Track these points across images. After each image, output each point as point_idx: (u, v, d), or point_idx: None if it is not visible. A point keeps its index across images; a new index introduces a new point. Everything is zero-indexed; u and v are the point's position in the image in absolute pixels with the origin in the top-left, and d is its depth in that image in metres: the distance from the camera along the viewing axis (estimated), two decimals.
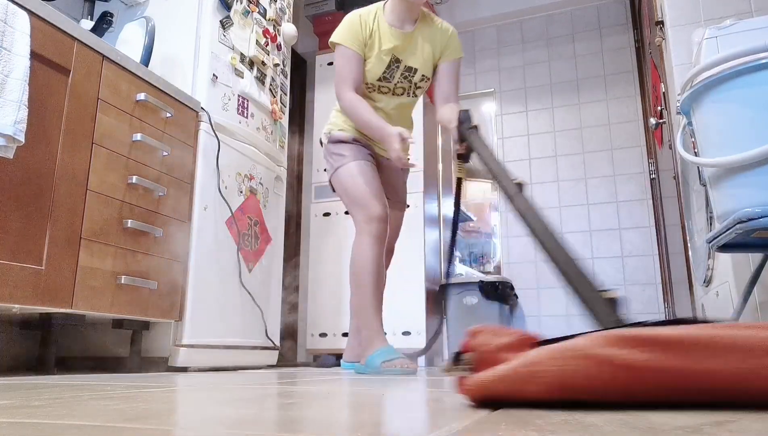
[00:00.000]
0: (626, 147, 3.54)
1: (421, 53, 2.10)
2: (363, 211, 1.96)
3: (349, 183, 2.02)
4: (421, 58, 2.10)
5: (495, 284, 3.26)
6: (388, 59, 2.06)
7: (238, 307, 2.28)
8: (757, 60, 1.20)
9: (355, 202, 2.00)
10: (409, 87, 2.13)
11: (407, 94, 2.15)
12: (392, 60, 2.07)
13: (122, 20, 2.35)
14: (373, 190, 2.00)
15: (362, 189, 1.99)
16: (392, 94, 2.13)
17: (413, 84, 2.13)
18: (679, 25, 2.02)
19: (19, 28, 1.42)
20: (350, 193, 2.02)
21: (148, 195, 1.88)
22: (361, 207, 1.97)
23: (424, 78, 2.14)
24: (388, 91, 2.12)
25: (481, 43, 4.05)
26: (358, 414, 0.65)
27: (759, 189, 1.20)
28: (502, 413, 0.59)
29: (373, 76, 2.07)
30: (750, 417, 0.53)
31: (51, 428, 0.50)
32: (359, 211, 1.97)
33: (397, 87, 2.11)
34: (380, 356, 1.80)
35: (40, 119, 1.52)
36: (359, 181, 2.00)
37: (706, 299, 1.97)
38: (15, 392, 0.89)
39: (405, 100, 2.16)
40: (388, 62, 2.06)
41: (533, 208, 1.19)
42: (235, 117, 2.37)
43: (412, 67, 2.10)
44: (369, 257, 1.92)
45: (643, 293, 3.33)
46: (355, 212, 2.00)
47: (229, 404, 0.74)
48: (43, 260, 1.51)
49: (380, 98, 2.12)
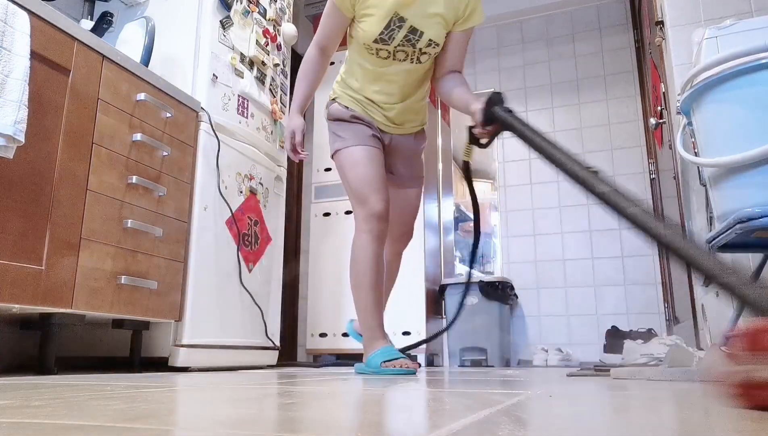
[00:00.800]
0: (626, 147, 3.54)
1: (434, 13, 1.80)
2: (362, 207, 1.85)
3: (348, 171, 1.89)
4: (432, 19, 1.80)
5: (495, 284, 3.26)
6: (388, 17, 1.78)
7: (238, 307, 2.28)
8: (757, 60, 1.20)
9: (354, 195, 1.88)
10: (413, 52, 1.85)
11: (410, 61, 1.86)
12: (393, 18, 1.78)
13: (122, 20, 2.35)
14: (374, 183, 1.86)
15: (362, 181, 1.86)
16: (393, 58, 1.85)
17: (418, 49, 1.84)
18: (679, 25, 2.02)
19: (19, 28, 1.42)
20: (350, 184, 1.89)
21: (148, 195, 1.88)
22: (361, 203, 1.86)
23: (432, 43, 1.84)
24: (388, 55, 1.85)
25: (481, 43, 4.05)
26: (358, 414, 0.65)
27: (759, 189, 1.20)
28: (502, 413, 0.59)
29: (368, 36, 1.81)
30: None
31: (51, 428, 0.50)
32: (358, 206, 1.87)
33: (397, 51, 1.84)
34: (380, 356, 1.77)
35: (40, 119, 1.52)
36: (359, 172, 1.87)
37: (706, 299, 1.97)
38: (15, 392, 0.89)
39: (409, 66, 1.88)
40: (388, 21, 1.78)
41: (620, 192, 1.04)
42: (235, 117, 2.37)
43: (418, 30, 1.80)
44: (367, 256, 1.83)
45: (643, 293, 3.33)
46: (354, 206, 1.89)
47: (229, 404, 0.74)
48: (43, 260, 1.51)
49: (380, 63, 1.88)
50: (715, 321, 1.82)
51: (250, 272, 2.38)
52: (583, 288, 3.44)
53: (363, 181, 1.86)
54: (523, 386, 1.17)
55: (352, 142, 1.90)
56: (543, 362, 3.22)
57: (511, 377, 1.60)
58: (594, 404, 0.76)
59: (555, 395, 0.91)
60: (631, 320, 3.29)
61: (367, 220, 1.84)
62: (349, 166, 1.89)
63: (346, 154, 1.90)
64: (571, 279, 3.48)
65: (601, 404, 0.75)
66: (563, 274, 3.50)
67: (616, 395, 0.91)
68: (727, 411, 0.61)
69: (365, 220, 1.85)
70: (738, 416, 0.57)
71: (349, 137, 1.91)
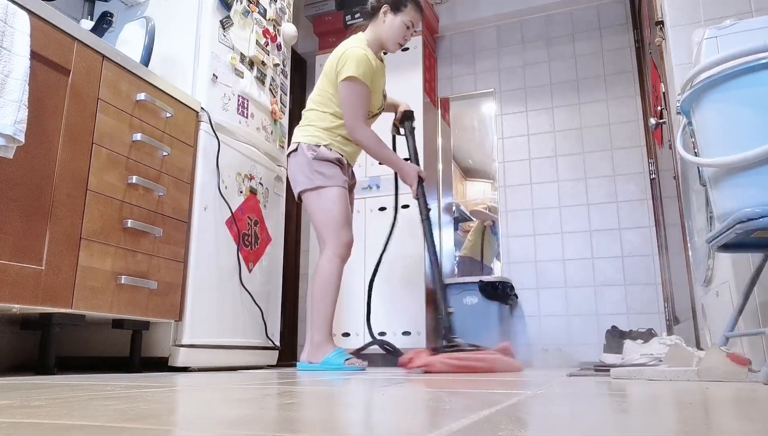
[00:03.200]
0: (626, 147, 3.54)
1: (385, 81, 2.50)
2: (337, 237, 2.22)
3: (328, 208, 2.23)
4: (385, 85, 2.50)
5: (495, 284, 3.26)
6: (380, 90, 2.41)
7: (238, 307, 2.28)
8: (757, 60, 1.20)
9: (330, 227, 2.23)
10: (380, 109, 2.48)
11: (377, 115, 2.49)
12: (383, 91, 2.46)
13: (122, 20, 2.35)
14: (347, 219, 2.28)
15: (339, 217, 2.23)
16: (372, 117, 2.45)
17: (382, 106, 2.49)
18: (679, 25, 2.02)
19: (19, 28, 1.42)
20: (328, 217, 2.23)
21: (148, 195, 1.88)
22: (336, 234, 2.22)
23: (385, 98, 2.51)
24: (372, 116, 2.44)
25: (481, 43, 4.04)
26: (357, 414, 0.65)
27: (759, 189, 1.20)
28: (502, 413, 0.59)
29: (374, 107, 2.40)
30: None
31: (51, 428, 0.50)
32: (333, 235, 2.22)
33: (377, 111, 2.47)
34: (339, 356, 2.11)
35: (40, 119, 1.52)
36: (338, 209, 2.24)
37: (706, 299, 1.97)
38: (15, 392, 0.89)
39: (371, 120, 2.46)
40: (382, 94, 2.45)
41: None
42: (235, 117, 2.37)
43: (385, 94, 2.50)
44: (336, 276, 2.20)
45: (643, 293, 3.33)
46: (328, 234, 2.23)
47: (229, 404, 0.74)
48: (43, 260, 1.51)
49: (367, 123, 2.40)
50: (715, 321, 1.82)
51: (250, 272, 2.38)
52: (583, 288, 3.44)
53: (341, 217, 2.24)
54: (523, 386, 1.17)
55: (334, 183, 2.26)
56: (543, 362, 3.22)
57: (511, 377, 1.60)
58: (594, 404, 0.76)
59: (555, 395, 0.91)
60: (631, 320, 3.29)
61: (341, 247, 2.23)
62: (330, 203, 2.24)
63: (328, 192, 2.25)
64: (571, 279, 3.47)
65: (601, 404, 0.75)
66: (563, 274, 3.50)
67: (616, 395, 0.91)
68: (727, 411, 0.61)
69: (339, 247, 2.22)
70: (738, 415, 0.57)
71: (332, 177, 2.26)
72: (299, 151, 2.29)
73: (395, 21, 2.33)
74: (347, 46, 2.31)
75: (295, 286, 3.93)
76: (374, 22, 2.37)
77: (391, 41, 2.35)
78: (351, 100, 2.26)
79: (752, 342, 1.56)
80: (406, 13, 2.33)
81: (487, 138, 3.88)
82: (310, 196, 2.27)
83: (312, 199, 2.27)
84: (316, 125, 2.32)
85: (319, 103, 2.35)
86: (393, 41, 2.35)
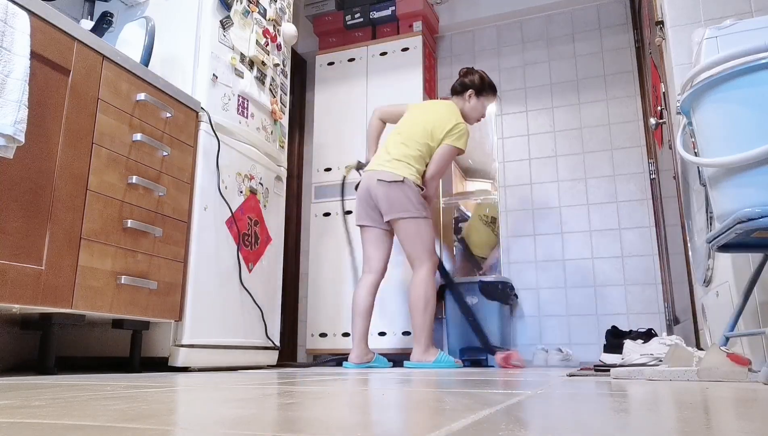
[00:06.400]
0: (626, 147, 3.54)
1: None
2: (432, 257, 2.69)
3: (428, 235, 2.70)
4: None
5: (495, 284, 3.26)
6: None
7: (238, 307, 2.28)
8: (757, 60, 1.20)
9: (428, 249, 2.68)
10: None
11: None
12: None
13: (122, 20, 2.35)
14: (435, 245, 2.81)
15: (433, 244, 2.72)
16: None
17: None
18: (679, 25, 2.02)
19: (19, 28, 1.42)
20: (427, 242, 2.68)
21: (148, 195, 1.88)
22: (431, 254, 2.69)
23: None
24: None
25: (481, 43, 4.05)
26: (358, 414, 0.65)
27: (759, 189, 1.20)
28: (502, 413, 0.59)
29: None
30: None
31: (51, 428, 0.50)
32: (430, 256, 2.68)
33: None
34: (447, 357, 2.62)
35: (40, 119, 1.52)
36: (433, 238, 2.73)
37: (706, 299, 1.97)
38: (15, 392, 0.89)
39: None
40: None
41: None
42: (235, 117, 2.37)
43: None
44: (434, 290, 2.66)
45: (643, 293, 3.33)
46: (426, 255, 2.67)
47: (229, 404, 0.74)
48: (43, 260, 1.51)
49: None
50: (715, 321, 1.82)
51: (250, 272, 2.38)
52: (583, 288, 3.44)
53: (433, 244, 2.73)
54: (523, 386, 1.17)
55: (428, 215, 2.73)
56: (543, 362, 3.21)
57: (511, 377, 1.60)
58: (594, 404, 0.76)
59: (555, 396, 0.91)
60: (631, 320, 3.29)
61: (434, 266, 2.70)
62: (430, 232, 2.71)
63: (427, 223, 2.71)
64: (571, 279, 3.48)
65: (601, 404, 0.75)
66: (563, 274, 3.50)
67: (616, 395, 0.91)
68: (727, 411, 0.61)
69: (433, 266, 2.70)
70: (738, 416, 0.57)
71: (426, 211, 2.73)
72: (407, 184, 2.67)
73: (478, 103, 2.90)
74: (459, 117, 2.80)
75: (295, 286, 3.93)
76: (460, 98, 2.91)
77: (473, 118, 2.92)
78: (445, 161, 2.78)
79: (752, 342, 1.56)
80: (486, 97, 2.92)
81: (487, 138, 3.88)
82: (417, 222, 2.67)
83: (416, 227, 2.67)
84: (417, 167, 2.73)
85: (423, 144, 2.74)
86: (474, 118, 2.93)
